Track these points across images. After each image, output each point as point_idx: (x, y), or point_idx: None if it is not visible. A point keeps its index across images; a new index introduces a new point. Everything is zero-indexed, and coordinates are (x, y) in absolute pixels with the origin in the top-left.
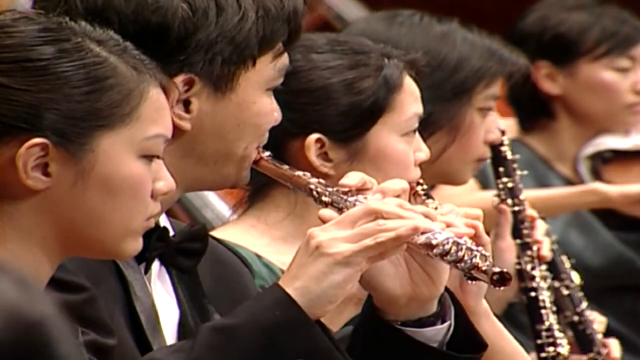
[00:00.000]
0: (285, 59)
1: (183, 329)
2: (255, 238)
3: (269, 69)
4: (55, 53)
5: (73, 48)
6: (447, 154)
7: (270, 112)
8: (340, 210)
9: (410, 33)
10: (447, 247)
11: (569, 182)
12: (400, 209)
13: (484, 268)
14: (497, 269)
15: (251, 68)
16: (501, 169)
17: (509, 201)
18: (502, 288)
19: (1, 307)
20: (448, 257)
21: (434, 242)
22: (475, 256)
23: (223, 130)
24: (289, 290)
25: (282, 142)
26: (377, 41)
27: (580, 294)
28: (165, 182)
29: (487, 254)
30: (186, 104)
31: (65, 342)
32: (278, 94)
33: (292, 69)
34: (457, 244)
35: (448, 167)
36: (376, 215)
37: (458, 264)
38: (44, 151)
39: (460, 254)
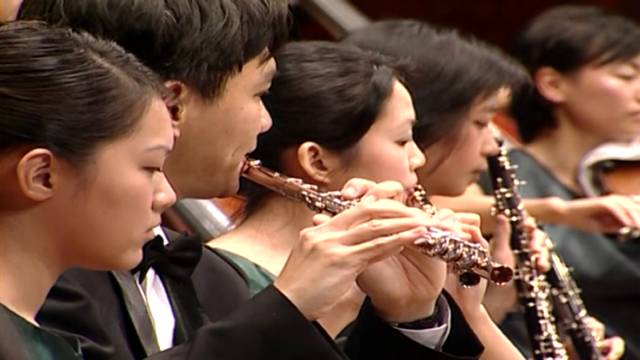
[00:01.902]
0: (272, 63)
1: (178, 338)
2: (253, 248)
3: (255, 74)
4: (58, 64)
5: (76, 59)
6: (444, 165)
7: (258, 117)
8: (334, 215)
9: (409, 43)
10: (444, 245)
11: (570, 192)
12: (394, 206)
13: (483, 264)
14: (497, 264)
15: (237, 73)
16: (499, 180)
17: (507, 211)
18: (503, 283)
19: None
20: (446, 256)
21: (431, 241)
22: (474, 253)
23: (211, 136)
24: (285, 292)
25: (275, 151)
26: (375, 51)
27: (579, 301)
28: (166, 193)
29: (485, 250)
30: (173, 111)
31: (7, 340)
32: (270, 103)
33: (283, 78)
34: (455, 242)
35: (445, 179)
36: (371, 215)
37: (457, 262)
38: (45, 162)
39: (458, 251)
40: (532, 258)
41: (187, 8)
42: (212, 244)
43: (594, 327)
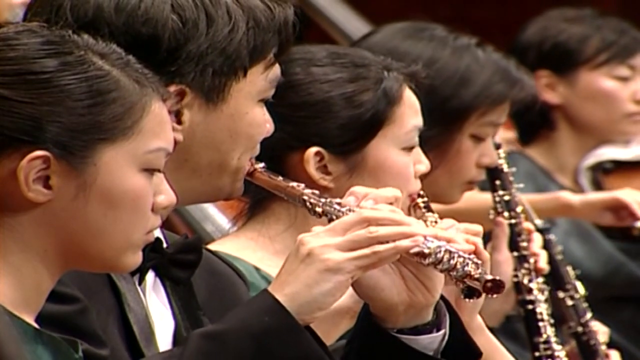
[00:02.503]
0: (276, 69)
1: (178, 340)
2: (255, 251)
3: (260, 79)
4: (58, 66)
5: (76, 61)
6: (434, 175)
7: (263, 122)
8: (332, 221)
9: (419, 48)
10: (439, 255)
11: None
12: (392, 214)
13: (476, 276)
14: (489, 277)
15: (242, 79)
16: (497, 182)
17: (506, 214)
18: (495, 295)
19: None
20: (440, 266)
21: (427, 250)
22: (468, 264)
23: (215, 141)
24: (278, 296)
25: (281, 155)
26: (388, 54)
27: (585, 304)
28: (166, 195)
29: (480, 261)
30: (177, 115)
31: (7, 341)
32: (278, 107)
33: (292, 82)
34: (450, 252)
35: (435, 188)
36: (369, 223)
37: (451, 273)
38: (45, 164)
39: (452, 262)
40: (531, 260)
41: (193, 13)
42: (213, 246)
43: (600, 331)
